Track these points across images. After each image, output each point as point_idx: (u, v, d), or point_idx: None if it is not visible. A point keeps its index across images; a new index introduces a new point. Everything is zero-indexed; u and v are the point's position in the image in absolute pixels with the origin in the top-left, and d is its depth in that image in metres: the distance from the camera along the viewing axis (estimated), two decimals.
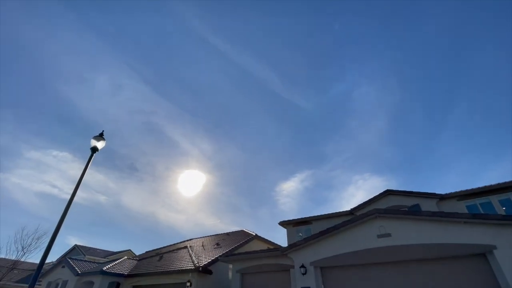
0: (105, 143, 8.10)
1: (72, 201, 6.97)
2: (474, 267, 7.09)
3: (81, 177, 7.32)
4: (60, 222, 6.30)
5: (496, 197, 12.11)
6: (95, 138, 7.92)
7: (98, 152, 7.93)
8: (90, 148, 7.81)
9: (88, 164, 7.61)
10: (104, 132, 8.21)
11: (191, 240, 24.38)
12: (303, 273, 8.86)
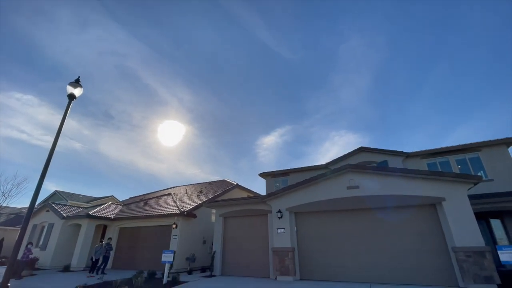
0: (83, 90, 7.71)
1: (55, 149, 6.89)
2: (424, 215, 8.39)
3: (60, 126, 7.08)
4: (46, 167, 6.32)
5: (454, 157, 13.60)
6: (71, 85, 7.44)
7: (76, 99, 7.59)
8: (67, 96, 7.40)
9: (66, 112, 7.31)
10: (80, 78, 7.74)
11: (174, 187, 25.39)
12: (279, 217, 9.99)
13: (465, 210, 7.58)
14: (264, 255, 10.26)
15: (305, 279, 9.14)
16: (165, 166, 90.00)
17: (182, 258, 12.92)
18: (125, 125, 77.26)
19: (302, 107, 74.49)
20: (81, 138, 61.99)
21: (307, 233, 9.85)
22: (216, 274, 10.78)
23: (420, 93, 62.15)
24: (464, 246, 7.20)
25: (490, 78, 58.55)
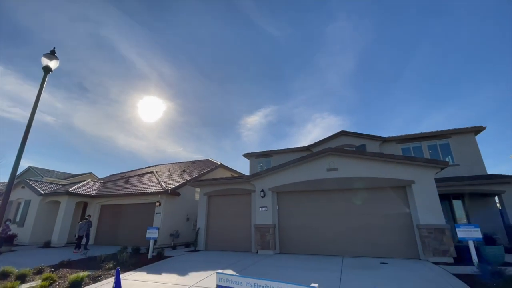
0: (59, 63, 7.28)
1: (31, 124, 6.61)
2: (395, 195, 9.11)
3: (36, 101, 6.74)
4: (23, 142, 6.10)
5: (426, 143, 14.54)
6: (46, 57, 7.00)
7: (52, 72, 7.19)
8: (42, 68, 6.98)
9: (42, 86, 6.92)
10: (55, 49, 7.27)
11: (156, 166, 25.16)
12: (262, 196, 10.43)
13: (431, 192, 8.35)
14: (247, 231, 10.79)
15: (284, 252, 9.81)
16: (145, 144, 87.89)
17: (166, 234, 13.25)
18: (102, 99, 73.43)
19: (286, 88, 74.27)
20: (54, 112, 58.45)
21: (287, 211, 10.41)
22: (200, 249, 11.25)
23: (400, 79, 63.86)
24: (427, 224, 8.03)
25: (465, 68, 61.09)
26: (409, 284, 5.55)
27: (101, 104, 73.04)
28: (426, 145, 14.48)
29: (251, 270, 7.27)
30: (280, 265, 7.79)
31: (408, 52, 56.35)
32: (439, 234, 7.80)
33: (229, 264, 8.08)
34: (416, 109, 77.25)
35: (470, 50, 54.04)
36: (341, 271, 6.73)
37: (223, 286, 4.29)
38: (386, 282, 5.64)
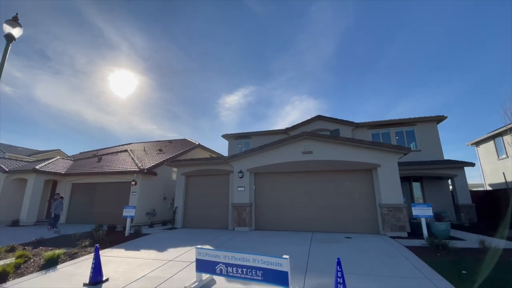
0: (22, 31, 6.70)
1: None
2: (362, 177, 9.90)
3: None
4: None
5: (394, 129, 15.59)
6: (8, 23, 6.42)
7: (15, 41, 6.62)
8: (4, 36, 6.42)
9: (5, 57, 6.40)
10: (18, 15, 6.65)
11: (130, 144, 24.37)
12: (240, 177, 10.77)
13: (394, 175, 9.20)
14: (224, 210, 11.20)
15: (259, 229, 10.41)
16: (117, 120, 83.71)
17: (143, 213, 13.29)
18: (67, 69, 67.64)
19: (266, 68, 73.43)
20: (12, 81, 53.07)
21: (264, 191, 10.91)
22: (178, 226, 11.52)
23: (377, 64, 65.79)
24: (387, 203, 8.93)
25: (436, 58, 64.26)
26: (367, 254, 6.31)
27: (66, 75, 67.36)
28: (394, 131, 15.54)
29: (228, 245, 7.72)
30: (255, 240, 8.33)
31: (385, 40, 57.79)
32: (397, 212, 8.75)
33: (207, 240, 8.47)
34: (388, 96, 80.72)
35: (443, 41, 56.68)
36: (310, 244, 7.39)
37: (202, 259, 4.63)
38: (348, 253, 6.37)
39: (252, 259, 4.18)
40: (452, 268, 5.07)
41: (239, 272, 4.24)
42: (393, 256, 6.08)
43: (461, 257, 5.79)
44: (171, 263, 5.97)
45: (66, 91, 63.59)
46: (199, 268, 4.62)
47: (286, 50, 65.35)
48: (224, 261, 4.37)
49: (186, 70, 70.42)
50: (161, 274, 5.25)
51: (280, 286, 3.89)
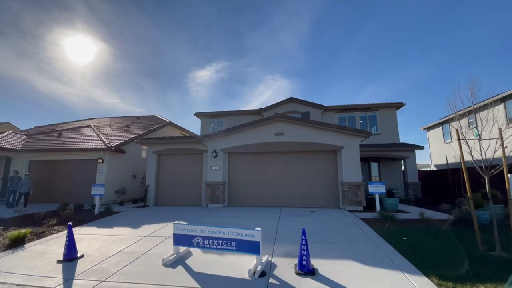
0: None
1: None
2: (328, 158, 10.72)
3: None
4: None
5: (359, 114, 16.72)
6: None
7: None
8: None
9: None
10: None
11: (93, 119, 22.84)
12: (214, 156, 10.98)
13: (355, 156, 10.13)
14: (197, 188, 11.44)
15: (232, 205, 10.92)
16: (74, 91, 76.59)
17: (111, 191, 12.99)
18: (11, 30, 58.81)
19: (240, 43, 71.28)
20: None
21: (237, 170, 11.30)
22: (150, 204, 11.56)
23: (347, 49, 67.55)
24: (348, 181, 9.91)
25: (401, 46, 67.72)
26: (328, 225, 7.14)
27: (11, 37, 58.70)
28: (358, 115, 16.68)
29: (203, 220, 8.09)
30: (228, 215, 8.81)
31: (358, 23, 59.05)
32: (356, 189, 9.78)
33: (181, 216, 8.74)
34: (356, 79, 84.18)
35: (408, 30, 59.57)
36: (279, 218, 8.07)
37: (179, 234, 4.93)
38: (312, 225, 7.13)
39: (228, 232, 4.58)
40: (395, 235, 6.03)
41: (215, 243, 4.62)
42: (350, 227, 6.97)
43: (403, 227, 6.86)
44: (146, 238, 6.19)
45: (9, 55, 55.74)
46: (176, 242, 4.92)
47: (261, 26, 63.65)
48: (201, 234, 4.72)
49: (152, 39, 65.50)
50: (138, 249, 5.46)
51: (252, 254, 4.37)
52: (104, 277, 4.11)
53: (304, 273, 4.13)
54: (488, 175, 5.12)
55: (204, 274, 4.24)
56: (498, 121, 15.23)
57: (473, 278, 3.86)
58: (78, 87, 79.91)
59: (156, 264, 4.63)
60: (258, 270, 4.14)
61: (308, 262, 4.23)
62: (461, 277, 3.89)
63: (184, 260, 4.80)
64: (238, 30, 64.80)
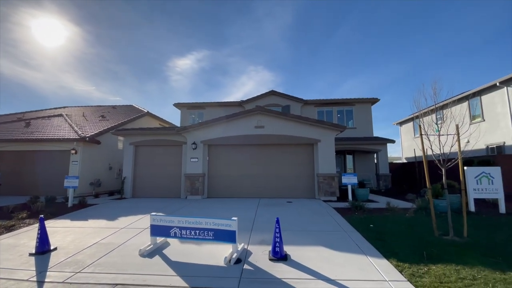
0: None
1: None
2: (305, 150, 11.09)
3: None
4: None
5: (336, 108, 17.27)
6: None
7: None
8: None
9: None
10: None
11: (65, 108, 21.67)
12: (194, 148, 10.96)
13: (330, 149, 10.58)
14: (177, 180, 11.40)
15: (211, 197, 11.03)
16: (43, 76, 71.63)
17: (86, 183, 12.60)
18: None
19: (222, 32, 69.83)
20: None
21: (217, 162, 11.38)
22: (127, 196, 11.37)
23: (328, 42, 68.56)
24: (323, 173, 10.36)
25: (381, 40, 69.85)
26: (303, 215, 7.51)
27: None
28: (336, 110, 17.24)
29: (182, 211, 8.16)
30: (207, 207, 8.94)
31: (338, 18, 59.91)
32: (330, 180, 10.27)
33: (159, 208, 8.72)
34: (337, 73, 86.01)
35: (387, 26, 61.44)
36: (257, 208, 8.33)
37: (156, 225, 5.00)
38: (288, 214, 7.46)
39: (205, 222, 4.72)
40: (363, 223, 6.50)
41: (192, 233, 4.75)
42: (322, 216, 7.38)
43: (371, 215, 7.38)
44: (123, 230, 6.17)
45: None
46: (153, 233, 4.98)
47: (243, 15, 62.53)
48: (178, 225, 4.82)
49: (129, 23, 62.27)
50: (114, 240, 5.46)
51: (229, 243, 4.56)
52: (78, 269, 4.11)
53: (277, 259, 4.39)
54: (445, 167, 5.63)
55: (181, 262, 4.37)
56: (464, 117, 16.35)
57: (427, 259, 4.32)
58: (48, 72, 74.67)
59: (133, 254, 4.69)
60: (233, 257, 4.35)
61: (281, 249, 4.50)
62: (416, 259, 4.33)
63: (162, 250, 4.89)
64: (220, 18, 63.27)
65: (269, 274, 3.93)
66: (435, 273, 3.86)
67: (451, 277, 3.74)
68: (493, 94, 14.42)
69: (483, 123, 15.12)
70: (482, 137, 15.31)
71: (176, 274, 3.93)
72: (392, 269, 4.01)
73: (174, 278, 3.83)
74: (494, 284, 3.52)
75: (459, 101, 16.78)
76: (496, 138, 14.29)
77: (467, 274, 3.80)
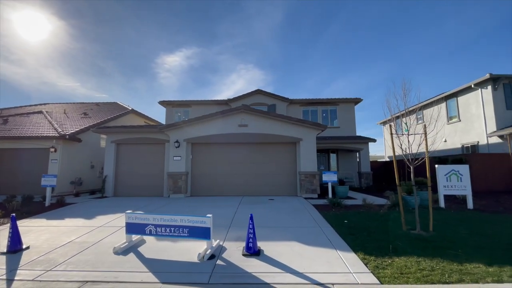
0: None
1: None
2: (288, 149, 11.29)
3: None
4: None
5: (321, 108, 17.57)
6: None
7: None
8: None
9: None
10: None
11: (46, 104, 21.00)
12: (177, 146, 10.93)
13: (312, 147, 10.82)
14: (159, 178, 11.33)
15: (195, 195, 11.05)
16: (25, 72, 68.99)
17: (66, 182, 12.34)
18: None
19: (212, 29, 69.30)
20: None
21: (200, 160, 11.40)
22: (108, 195, 11.21)
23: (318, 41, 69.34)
24: (305, 171, 10.59)
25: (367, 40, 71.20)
26: (282, 212, 7.67)
27: None
28: (321, 109, 17.55)
29: (162, 210, 8.16)
30: (189, 205, 8.96)
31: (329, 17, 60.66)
32: (312, 178, 10.51)
33: (140, 206, 8.68)
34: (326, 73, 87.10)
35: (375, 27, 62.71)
36: (238, 206, 8.44)
37: (131, 223, 5.02)
38: (268, 212, 7.60)
39: (180, 219, 4.78)
40: (339, 219, 6.73)
41: (167, 231, 4.80)
42: (301, 212, 7.57)
43: (347, 211, 7.64)
44: (100, 228, 6.14)
45: None
46: (128, 231, 5.00)
47: (233, 13, 62.27)
48: (153, 222, 4.86)
49: (115, 18, 60.80)
50: (89, 239, 5.44)
51: (204, 240, 4.65)
52: (50, 267, 4.09)
53: (250, 254, 4.52)
54: (413, 165, 5.92)
55: (155, 259, 4.42)
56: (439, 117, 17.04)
57: (392, 252, 4.55)
58: (29, 67, 71.90)
59: (108, 252, 4.70)
60: (207, 253, 4.44)
61: (254, 244, 4.62)
62: (383, 252, 4.56)
63: (137, 248, 4.92)
64: (210, 15, 62.72)
65: (240, 268, 4.05)
66: (397, 265, 4.09)
67: (412, 268, 3.97)
68: (468, 95, 15.08)
69: (459, 123, 15.80)
70: (458, 136, 16.04)
71: (148, 271, 3.98)
72: (358, 262, 4.21)
73: (146, 274, 3.88)
74: (450, 274, 3.77)
75: (438, 102, 17.46)
76: (470, 138, 14.97)
77: (426, 266, 4.04)
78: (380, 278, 3.70)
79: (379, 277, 3.72)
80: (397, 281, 3.63)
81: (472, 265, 4.03)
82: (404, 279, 3.67)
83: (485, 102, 13.96)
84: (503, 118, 13.49)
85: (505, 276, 3.67)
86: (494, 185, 11.04)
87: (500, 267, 3.95)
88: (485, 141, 13.88)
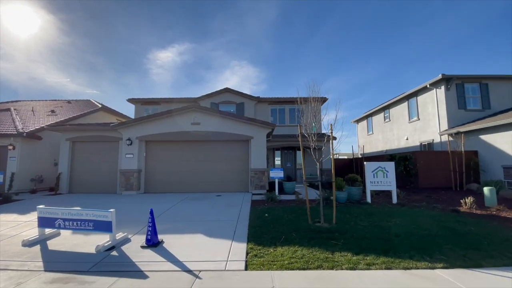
0: None
1: None
2: (241, 146, 11.61)
3: None
4: None
5: (289, 106, 17.92)
6: None
7: None
8: None
9: None
10: None
11: (17, 102, 20.88)
12: (129, 144, 11.14)
13: (262, 145, 11.18)
14: (113, 176, 11.52)
15: (148, 192, 11.30)
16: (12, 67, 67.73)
17: (26, 179, 12.46)
18: None
19: (205, 25, 68.95)
20: None
21: (155, 157, 11.64)
22: (63, 192, 11.38)
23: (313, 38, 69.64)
24: (255, 168, 10.96)
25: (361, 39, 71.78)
26: (216, 206, 8.00)
27: None
28: (288, 108, 17.90)
29: (106, 206, 8.30)
30: (134, 202, 9.21)
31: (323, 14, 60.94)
32: (261, 175, 10.88)
33: (87, 203, 8.82)
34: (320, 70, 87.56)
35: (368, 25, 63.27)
36: (179, 202, 8.73)
37: (43, 217, 5.29)
38: (204, 207, 7.93)
39: (85, 214, 5.06)
40: (262, 213, 7.10)
41: (74, 224, 5.08)
42: (233, 207, 7.90)
43: (278, 205, 8.03)
44: (27, 223, 6.38)
45: None
46: (40, 224, 5.27)
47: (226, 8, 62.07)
48: (62, 216, 5.13)
49: (106, 13, 59.97)
50: (10, 232, 5.69)
51: (107, 233, 4.94)
52: None
53: (148, 246, 4.83)
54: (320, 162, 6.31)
55: (57, 251, 4.70)
56: (403, 115, 17.38)
57: (281, 243, 4.91)
58: (16, 62, 70.46)
59: (17, 245, 4.97)
60: (106, 245, 4.74)
61: (153, 237, 4.94)
62: (272, 243, 4.91)
63: (47, 241, 5.19)
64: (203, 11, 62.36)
65: (129, 258, 4.36)
66: (275, 254, 4.44)
67: (285, 256, 4.33)
68: (426, 95, 15.63)
69: (419, 122, 16.37)
70: (417, 135, 16.62)
71: (41, 260, 4.27)
72: (242, 251, 4.56)
73: (37, 263, 4.17)
74: (313, 261, 4.13)
75: (401, 101, 18.01)
76: (427, 136, 15.55)
77: (300, 254, 4.40)
78: (248, 265, 4.05)
79: (248, 265, 4.07)
80: (262, 268, 3.99)
81: (340, 254, 4.40)
82: (269, 266, 4.02)
83: (439, 101, 14.51)
84: (455, 117, 14.06)
85: (362, 264, 4.03)
86: (437, 181, 11.59)
87: (365, 255, 4.33)
88: (439, 139, 14.46)
